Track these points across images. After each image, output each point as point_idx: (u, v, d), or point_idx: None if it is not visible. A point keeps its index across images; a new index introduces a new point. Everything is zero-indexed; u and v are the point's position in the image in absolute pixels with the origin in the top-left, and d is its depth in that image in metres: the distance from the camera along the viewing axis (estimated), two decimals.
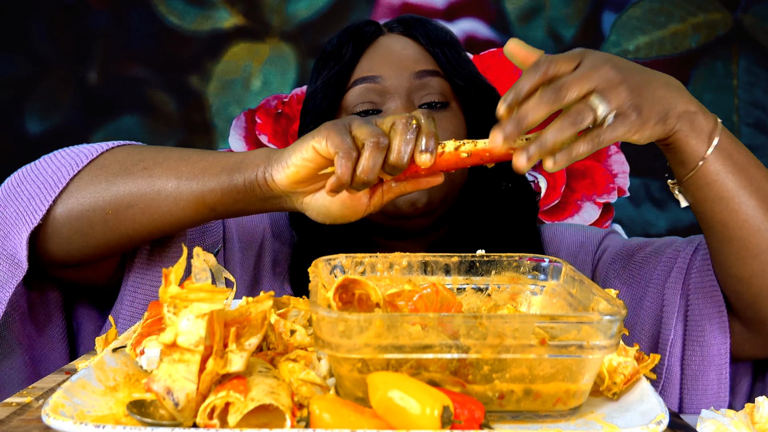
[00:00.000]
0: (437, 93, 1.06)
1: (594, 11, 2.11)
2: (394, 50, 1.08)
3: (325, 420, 0.57)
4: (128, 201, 0.86)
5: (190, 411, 0.58)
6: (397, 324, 0.60)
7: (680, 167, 0.84)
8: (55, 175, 0.89)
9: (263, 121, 1.56)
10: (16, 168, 0.97)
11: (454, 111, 1.08)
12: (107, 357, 0.70)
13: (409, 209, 1.02)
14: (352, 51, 1.09)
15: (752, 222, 0.83)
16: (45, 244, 0.89)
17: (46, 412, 0.58)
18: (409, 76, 1.05)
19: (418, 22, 1.12)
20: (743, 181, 0.83)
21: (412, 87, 1.05)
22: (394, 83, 1.05)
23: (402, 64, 1.06)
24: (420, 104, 1.05)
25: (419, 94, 1.05)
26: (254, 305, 0.62)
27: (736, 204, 0.82)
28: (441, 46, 1.09)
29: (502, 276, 0.80)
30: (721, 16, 2.09)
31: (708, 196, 0.83)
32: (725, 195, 0.82)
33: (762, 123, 2.11)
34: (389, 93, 1.05)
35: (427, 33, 1.10)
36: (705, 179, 0.82)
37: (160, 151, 0.89)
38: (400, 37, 1.11)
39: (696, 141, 0.81)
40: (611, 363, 0.68)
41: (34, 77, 2.15)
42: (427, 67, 1.07)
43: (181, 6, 2.13)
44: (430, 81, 1.06)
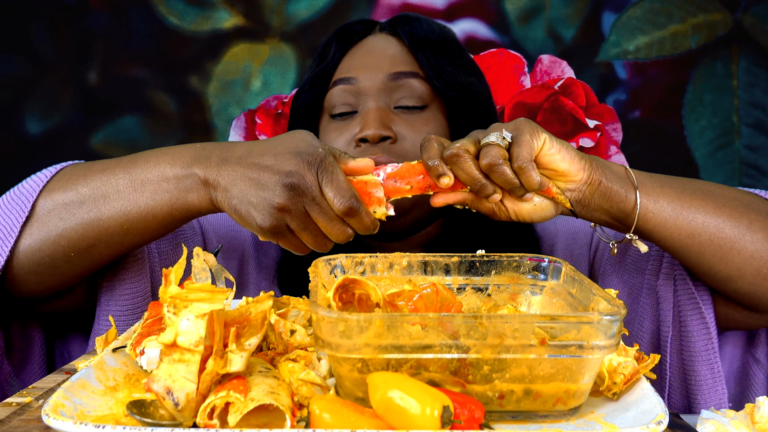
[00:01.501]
0: (414, 96, 1.05)
1: (594, 11, 2.11)
2: (373, 51, 1.07)
3: (325, 420, 0.57)
4: (86, 242, 0.85)
5: (190, 411, 0.58)
6: (397, 324, 0.60)
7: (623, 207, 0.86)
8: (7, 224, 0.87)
9: (263, 121, 1.56)
10: (16, 168, 0.97)
11: (433, 112, 1.06)
12: (107, 357, 0.70)
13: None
14: (335, 51, 1.09)
15: (709, 223, 0.86)
16: (15, 287, 0.89)
17: (46, 412, 0.58)
18: (384, 78, 1.05)
19: (407, 20, 1.11)
20: (677, 192, 0.87)
21: (386, 88, 1.04)
22: (368, 85, 1.04)
23: (378, 66, 1.05)
24: (395, 106, 1.04)
25: (395, 96, 1.05)
26: (254, 305, 0.62)
27: (687, 215, 0.86)
28: (424, 46, 1.07)
29: (502, 276, 0.80)
30: (721, 17, 2.09)
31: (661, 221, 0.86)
32: (674, 212, 0.86)
33: (762, 123, 2.11)
34: (363, 94, 1.04)
35: (411, 32, 1.08)
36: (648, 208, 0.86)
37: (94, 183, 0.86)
38: (385, 37, 1.10)
39: (620, 184, 0.85)
40: (611, 363, 0.68)
41: (34, 78, 2.15)
42: (404, 68, 1.06)
43: (181, 6, 2.13)
44: (406, 83, 1.05)
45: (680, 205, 0.86)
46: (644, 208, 0.85)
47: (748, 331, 1.00)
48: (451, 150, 0.80)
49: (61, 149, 2.12)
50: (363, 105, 1.04)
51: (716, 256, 0.87)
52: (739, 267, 0.87)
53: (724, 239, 0.86)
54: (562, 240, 1.13)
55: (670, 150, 2.13)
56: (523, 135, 0.80)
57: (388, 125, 1.02)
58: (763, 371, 0.99)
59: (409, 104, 1.04)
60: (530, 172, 0.80)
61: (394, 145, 1.01)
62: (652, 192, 0.86)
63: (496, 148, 0.79)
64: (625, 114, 2.11)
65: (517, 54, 1.54)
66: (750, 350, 0.99)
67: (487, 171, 0.80)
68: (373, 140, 1.00)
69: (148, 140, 2.16)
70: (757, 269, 0.86)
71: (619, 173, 0.86)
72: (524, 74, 1.53)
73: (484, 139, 0.80)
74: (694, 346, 0.93)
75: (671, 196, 0.86)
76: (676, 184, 0.88)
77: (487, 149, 0.80)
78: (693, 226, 0.86)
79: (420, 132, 1.03)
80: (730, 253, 0.86)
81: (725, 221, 0.86)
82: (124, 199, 0.84)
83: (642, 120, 2.12)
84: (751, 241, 0.86)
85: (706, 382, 0.92)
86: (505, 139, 0.80)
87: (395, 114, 1.03)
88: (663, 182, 0.87)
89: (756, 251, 0.86)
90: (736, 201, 0.88)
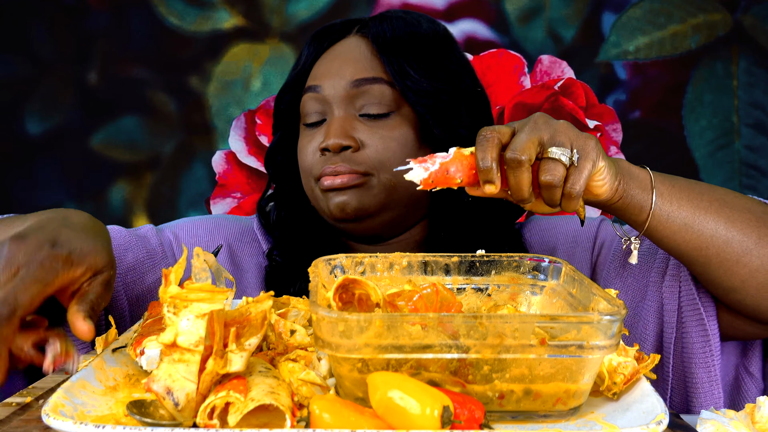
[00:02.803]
0: (377, 102, 1.02)
1: (594, 12, 2.11)
2: (338, 57, 1.05)
3: (325, 420, 0.57)
4: None
5: (190, 411, 0.58)
6: (397, 324, 0.60)
7: (636, 218, 0.86)
8: None
9: (263, 121, 1.56)
10: (16, 168, 0.96)
11: (400, 118, 1.03)
12: (107, 357, 0.70)
13: (339, 213, 1.01)
14: (306, 56, 1.08)
15: (719, 234, 0.86)
16: None
17: (46, 412, 0.58)
18: (346, 85, 1.02)
19: (381, 19, 1.07)
20: (694, 201, 0.86)
21: (348, 96, 1.02)
22: (331, 93, 1.03)
23: (341, 72, 1.03)
24: (360, 113, 1.02)
25: (358, 103, 1.02)
26: (254, 305, 0.62)
27: (699, 225, 0.86)
28: (391, 48, 1.03)
29: (502, 276, 0.80)
30: (720, 17, 2.09)
31: (672, 230, 0.86)
32: (686, 221, 0.85)
33: (762, 123, 2.11)
34: (329, 102, 1.03)
35: (378, 33, 1.04)
36: (662, 217, 0.85)
37: None
38: (356, 40, 1.06)
39: (641, 191, 0.84)
40: (611, 363, 0.68)
41: (34, 78, 2.15)
42: (367, 74, 1.03)
43: (181, 7, 2.13)
44: (369, 89, 1.02)
45: (693, 217, 0.86)
46: (656, 219, 0.85)
47: (743, 343, 0.99)
48: (515, 155, 0.76)
49: (61, 149, 2.12)
50: (329, 113, 1.03)
51: (721, 267, 0.87)
52: (743, 280, 0.86)
53: (731, 252, 0.86)
54: (562, 244, 1.12)
55: (670, 150, 2.13)
56: (587, 161, 0.77)
57: (349, 134, 1.00)
58: (755, 384, 0.99)
59: (372, 112, 1.02)
60: (575, 201, 0.78)
61: (356, 153, 1.00)
62: (668, 202, 0.85)
63: (561, 169, 0.76)
64: (625, 114, 2.11)
65: (517, 54, 1.54)
66: (743, 362, 0.99)
67: (541, 186, 0.78)
68: (333, 150, 0.99)
69: (148, 140, 2.16)
70: (762, 283, 0.86)
71: (643, 184, 0.85)
72: (524, 74, 1.54)
73: (551, 151, 0.77)
74: (692, 348, 0.93)
75: (686, 208, 0.86)
76: (694, 194, 0.87)
77: (552, 167, 0.76)
78: (702, 239, 0.86)
79: (384, 139, 1.01)
80: (736, 266, 0.86)
81: (735, 234, 0.86)
82: None
83: (642, 120, 2.12)
84: (757, 256, 0.85)
85: (703, 385, 0.93)
86: (571, 159, 0.77)
87: (360, 121, 1.02)
88: (681, 191, 0.86)
89: (762, 265, 0.86)
90: (750, 213, 0.87)
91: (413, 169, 0.77)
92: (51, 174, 2.12)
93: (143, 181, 2.16)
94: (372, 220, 1.03)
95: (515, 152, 0.76)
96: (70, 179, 2.12)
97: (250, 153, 1.57)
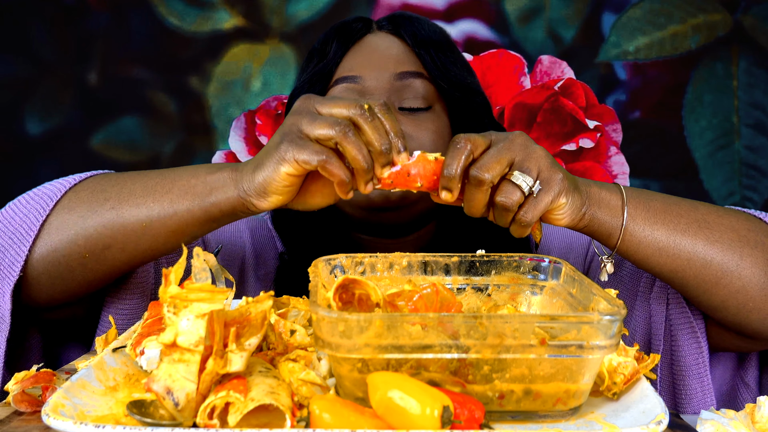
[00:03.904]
0: (418, 96, 1.04)
1: (594, 12, 2.11)
2: (377, 50, 1.06)
3: (325, 420, 0.57)
4: (103, 243, 0.83)
5: (190, 411, 0.58)
6: (397, 324, 0.60)
7: (606, 240, 0.85)
8: (25, 223, 0.85)
9: (263, 122, 1.56)
10: (16, 168, 0.96)
11: (437, 113, 1.06)
12: (107, 357, 0.70)
13: (382, 201, 1.01)
14: (336, 49, 1.07)
15: (697, 257, 0.84)
16: (27, 293, 0.86)
17: (46, 412, 0.58)
18: (389, 77, 1.04)
19: (408, 20, 1.10)
20: (670, 224, 0.85)
21: (392, 88, 1.03)
22: (373, 84, 1.03)
23: (383, 65, 1.04)
24: (400, 107, 1.03)
25: (400, 96, 1.04)
26: (254, 305, 0.62)
27: (675, 249, 0.84)
28: (427, 46, 1.06)
29: (502, 276, 0.80)
30: (720, 17, 2.09)
31: (646, 253, 0.85)
32: (661, 245, 0.84)
33: (762, 124, 2.11)
34: (369, 93, 1.03)
35: (414, 32, 1.07)
36: (634, 241, 0.84)
37: (124, 183, 0.85)
38: (386, 36, 1.08)
39: (609, 216, 0.83)
40: (611, 363, 0.68)
41: (34, 78, 2.15)
42: (410, 68, 1.05)
43: (181, 7, 2.13)
44: (411, 83, 1.04)
45: (668, 240, 0.84)
46: (626, 243, 0.84)
47: (739, 354, 0.99)
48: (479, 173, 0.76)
49: (61, 150, 2.12)
50: None
51: (700, 288, 0.86)
52: (723, 300, 0.86)
53: (710, 274, 0.84)
54: (557, 249, 1.13)
55: (670, 150, 2.13)
56: (547, 194, 0.77)
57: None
58: (751, 394, 0.98)
59: (414, 105, 1.03)
60: (523, 230, 0.78)
61: None
62: (640, 226, 0.84)
63: (518, 194, 0.76)
64: (625, 114, 2.11)
65: (517, 55, 1.54)
66: (739, 373, 0.99)
67: (495, 206, 0.78)
68: None
69: (148, 141, 2.16)
70: (743, 303, 0.85)
71: (613, 210, 0.83)
72: (524, 75, 1.53)
73: (514, 175, 0.77)
74: (685, 361, 0.92)
75: (660, 231, 0.84)
76: (671, 216, 0.85)
77: (510, 190, 0.76)
78: (678, 261, 0.85)
79: (426, 131, 1.02)
80: (715, 287, 0.85)
81: (715, 256, 0.84)
82: (149, 197, 0.82)
83: (642, 120, 2.12)
84: (738, 277, 0.84)
85: (696, 396, 0.92)
86: (532, 191, 0.77)
87: (401, 114, 1.03)
88: (657, 214, 0.85)
89: (743, 286, 0.84)
90: (733, 232, 0.86)
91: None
92: (51, 174, 2.10)
93: None
94: (408, 210, 1.04)
95: (480, 171, 0.76)
96: None
97: (250, 153, 1.56)
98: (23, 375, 0.69)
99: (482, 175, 0.76)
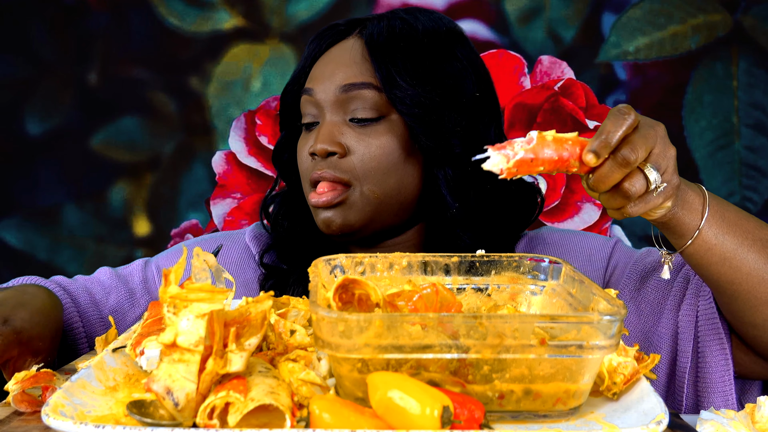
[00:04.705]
0: (366, 107, 1.00)
1: (594, 12, 2.11)
2: (332, 60, 1.04)
3: (325, 420, 0.57)
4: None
5: (190, 411, 0.58)
6: (397, 324, 0.60)
7: (677, 239, 0.85)
8: None
9: (263, 122, 1.56)
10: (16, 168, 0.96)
11: (389, 123, 1.01)
12: (107, 357, 0.70)
13: (325, 229, 1.01)
14: (305, 57, 1.07)
15: (756, 273, 0.84)
16: None
17: (46, 412, 0.58)
18: (335, 90, 1.01)
19: (378, 20, 1.05)
20: (739, 237, 0.84)
21: (338, 101, 1.01)
22: (322, 97, 1.02)
23: (332, 77, 1.02)
24: (350, 118, 1.01)
25: (349, 108, 1.01)
26: (254, 305, 0.62)
27: (739, 261, 0.84)
28: (382, 52, 1.01)
29: (502, 276, 0.80)
30: (720, 18, 2.09)
31: (711, 260, 0.84)
32: (727, 255, 0.84)
33: (762, 124, 2.11)
34: (320, 106, 1.02)
35: (372, 36, 1.02)
36: (704, 246, 0.84)
37: None
38: (354, 42, 1.04)
39: (690, 217, 0.83)
40: (611, 363, 0.68)
41: (34, 78, 2.15)
42: (357, 79, 1.01)
43: (181, 7, 2.13)
44: (358, 94, 1.00)
45: (735, 251, 0.84)
46: (697, 246, 0.83)
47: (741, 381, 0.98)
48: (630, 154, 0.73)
49: (61, 150, 2.12)
50: (321, 117, 1.03)
51: (748, 303, 0.85)
52: (766, 319, 0.86)
53: (763, 292, 0.84)
54: (575, 262, 1.10)
55: None
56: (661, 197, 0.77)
57: (336, 140, 0.99)
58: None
59: (361, 116, 1.00)
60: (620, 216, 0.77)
61: (342, 159, 0.99)
62: (713, 232, 0.83)
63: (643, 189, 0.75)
64: None
65: (517, 55, 1.54)
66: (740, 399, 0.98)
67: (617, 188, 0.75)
68: (320, 155, 0.99)
69: (147, 141, 2.16)
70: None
71: (694, 211, 0.83)
72: (524, 75, 1.53)
73: (648, 168, 0.75)
74: (712, 378, 0.92)
75: (730, 241, 0.84)
76: (741, 230, 0.85)
77: (640, 181, 0.75)
78: (738, 274, 0.84)
79: (369, 146, 0.99)
80: (764, 306, 0.85)
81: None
82: None
83: None
84: None
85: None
86: (657, 187, 0.76)
87: (349, 127, 1.01)
88: (729, 224, 0.84)
89: None
90: None
91: (491, 157, 0.71)
92: (51, 174, 2.12)
93: (143, 181, 2.16)
94: (360, 233, 1.02)
95: (632, 151, 0.74)
96: (70, 180, 2.12)
97: (250, 153, 1.57)
98: (23, 375, 0.69)
99: (632, 155, 0.73)
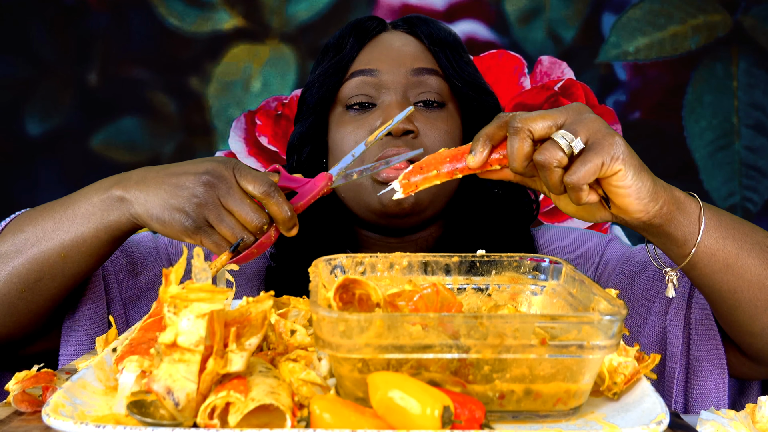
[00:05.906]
0: (434, 92, 1.06)
1: (594, 13, 2.11)
2: (394, 46, 1.08)
3: (326, 420, 0.57)
4: (34, 277, 0.89)
5: (191, 411, 0.58)
6: (397, 324, 0.60)
7: (677, 251, 0.82)
8: None
9: (263, 122, 1.56)
10: (16, 169, 0.97)
11: (450, 112, 1.07)
12: (107, 357, 0.70)
13: (395, 209, 1.02)
14: (352, 43, 1.09)
15: (757, 279, 0.82)
16: None
17: (46, 412, 0.58)
18: (406, 73, 1.05)
19: (423, 21, 1.12)
20: (739, 241, 0.82)
21: (408, 83, 1.05)
22: (390, 78, 1.05)
23: (400, 60, 1.06)
24: (416, 101, 1.05)
25: (415, 91, 1.05)
26: (254, 305, 0.62)
27: (740, 267, 0.82)
28: (442, 46, 1.08)
29: (502, 276, 0.80)
30: (720, 18, 2.09)
31: (714, 268, 0.82)
32: (729, 261, 0.81)
33: (762, 124, 2.11)
34: (385, 87, 1.05)
35: (429, 32, 1.09)
36: (707, 252, 0.81)
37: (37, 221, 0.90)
38: (402, 35, 1.10)
39: (687, 220, 0.79)
40: (611, 363, 0.67)
41: (34, 79, 2.15)
42: (426, 65, 1.07)
43: (181, 8, 2.13)
44: (427, 79, 1.06)
45: (736, 258, 0.81)
46: (698, 255, 0.80)
47: (740, 382, 0.98)
48: (516, 123, 0.73)
49: (61, 150, 2.12)
50: (384, 98, 1.05)
51: (748, 312, 0.83)
52: (764, 327, 0.84)
53: (764, 299, 0.82)
54: (568, 258, 1.11)
55: (670, 151, 2.13)
56: (597, 155, 0.71)
57: (411, 119, 1.03)
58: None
59: (430, 99, 1.05)
60: (577, 195, 0.73)
61: (415, 139, 1.02)
62: (713, 239, 0.80)
63: (557, 152, 0.71)
64: (625, 115, 2.11)
65: (517, 55, 1.54)
66: (740, 400, 0.98)
67: (536, 166, 0.74)
68: (396, 133, 1.01)
69: (147, 141, 2.16)
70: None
71: (691, 216, 0.79)
72: (524, 75, 1.54)
73: (554, 135, 0.72)
74: (705, 385, 0.92)
75: (731, 247, 0.81)
76: (739, 234, 0.82)
77: (548, 148, 0.72)
78: (740, 282, 0.82)
79: (439, 130, 1.04)
80: (765, 313, 0.83)
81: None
82: (60, 230, 0.88)
83: (642, 121, 2.12)
84: None
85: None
86: (572, 148, 0.72)
87: (416, 110, 1.04)
88: (727, 229, 0.81)
89: None
90: None
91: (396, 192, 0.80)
92: (51, 174, 2.12)
93: None
94: (420, 216, 1.05)
95: (517, 121, 0.73)
96: (70, 180, 2.12)
97: (250, 154, 1.57)
98: (24, 375, 0.69)
99: (517, 124, 0.73)
